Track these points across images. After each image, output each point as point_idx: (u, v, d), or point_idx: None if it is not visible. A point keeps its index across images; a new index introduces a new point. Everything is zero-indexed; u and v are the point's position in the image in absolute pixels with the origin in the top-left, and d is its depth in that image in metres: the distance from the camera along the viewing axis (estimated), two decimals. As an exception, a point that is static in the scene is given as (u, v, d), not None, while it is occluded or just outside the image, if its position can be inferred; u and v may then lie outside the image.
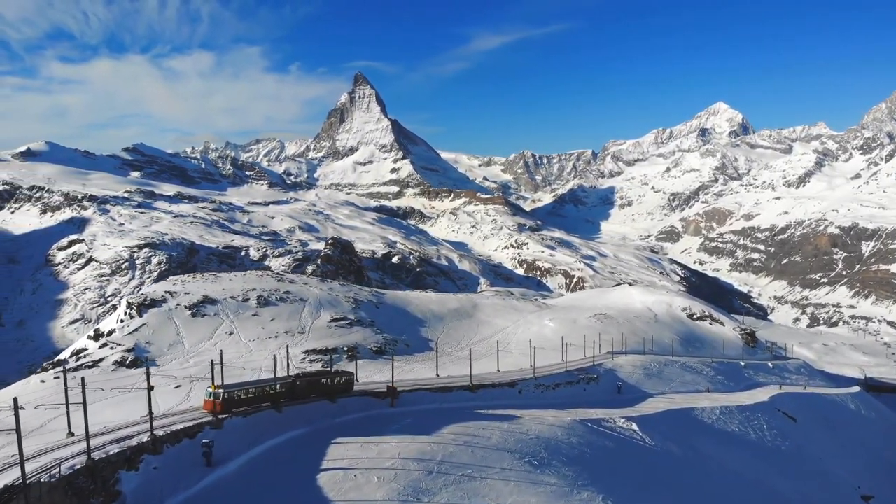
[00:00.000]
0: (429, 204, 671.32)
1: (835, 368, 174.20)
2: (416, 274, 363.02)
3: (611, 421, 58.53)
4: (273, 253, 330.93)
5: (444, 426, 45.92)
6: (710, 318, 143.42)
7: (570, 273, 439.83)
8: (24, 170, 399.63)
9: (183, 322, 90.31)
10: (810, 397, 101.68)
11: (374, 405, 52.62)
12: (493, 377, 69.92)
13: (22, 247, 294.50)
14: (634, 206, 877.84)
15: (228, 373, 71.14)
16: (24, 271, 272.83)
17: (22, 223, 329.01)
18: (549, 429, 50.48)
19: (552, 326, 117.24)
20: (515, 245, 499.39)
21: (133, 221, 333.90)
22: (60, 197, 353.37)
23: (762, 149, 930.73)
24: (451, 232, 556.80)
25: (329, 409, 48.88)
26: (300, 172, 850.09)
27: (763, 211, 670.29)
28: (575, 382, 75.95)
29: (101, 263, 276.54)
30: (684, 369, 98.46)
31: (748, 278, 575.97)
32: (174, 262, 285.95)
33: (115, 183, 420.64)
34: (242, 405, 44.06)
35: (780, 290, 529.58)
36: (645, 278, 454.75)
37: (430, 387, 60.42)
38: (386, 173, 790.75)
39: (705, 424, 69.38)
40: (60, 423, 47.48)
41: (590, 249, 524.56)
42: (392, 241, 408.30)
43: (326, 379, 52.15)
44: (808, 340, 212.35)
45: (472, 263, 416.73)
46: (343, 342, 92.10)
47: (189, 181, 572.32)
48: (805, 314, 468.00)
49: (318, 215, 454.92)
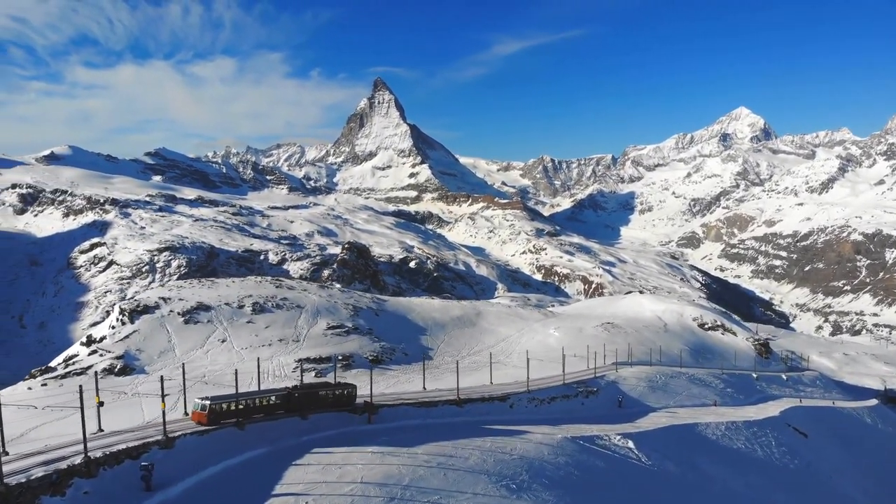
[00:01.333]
0: (447, 208, 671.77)
1: (855, 379, 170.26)
2: (433, 279, 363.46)
3: (605, 438, 55.61)
4: (291, 257, 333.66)
5: (421, 445, 43.09)
6: (723, 328, 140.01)
7: (588, 279, 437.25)
8: (47, 173, 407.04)
9: (175, 329, 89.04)
10: (824, 411, 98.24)
11: (349, 421, 49.41)
12: (485, 390, 66.92)
13: (44, 249, 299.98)
14: (655, 212, 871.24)
15: (220, 381, 70.08)
16: (47, 274, 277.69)
17: (45, 226, 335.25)
18: (536, 447, 47.64)
19: (556, 335, 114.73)
20: (533, 250, 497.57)
21: (154, 225, 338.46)
22: (83, 200, 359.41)
23: (784, 154, 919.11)
24: (468, 237, 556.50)
25: (298, 427, 45.57)
26: (320, 177, 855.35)
27: (785, 217, 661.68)
28: (572, 396, 72.55)
29: (121, 266, 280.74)
30: (692, 381, 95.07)
31: (770, 285, 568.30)
32: (194, 266, 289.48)
33: (137, 187, 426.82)
34: (232, 417, 42.50)
35: (802, 297, 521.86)
36: (665, 285, 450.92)
37: (414, 401, 57.47)
38: (404, 178, 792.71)
39: (709, 441, 66.29)
40: (45, 432, 46.91)
41: (609, 255, 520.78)
42: (409, 245, 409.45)
43: (327, 391, 50.31)
44: (829, 350, 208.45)
45: (489, 268, 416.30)
46: (338, 351, 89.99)
47: (210, 185, 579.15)
48: (828, 322, 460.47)
49: (337, 220, 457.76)
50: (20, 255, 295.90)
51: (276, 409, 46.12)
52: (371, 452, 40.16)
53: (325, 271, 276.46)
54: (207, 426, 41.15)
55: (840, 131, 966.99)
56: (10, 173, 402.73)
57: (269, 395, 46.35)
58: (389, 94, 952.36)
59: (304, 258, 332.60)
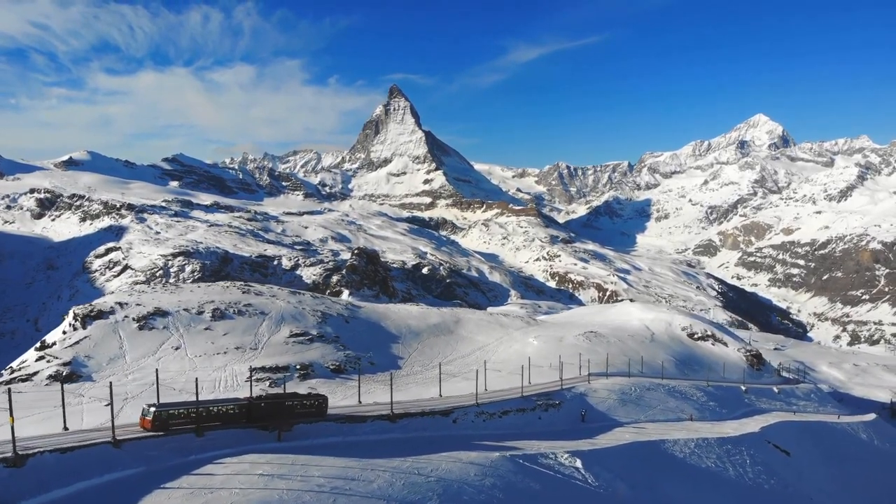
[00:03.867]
0: (461, 215, 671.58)
1: (864, 390, 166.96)
2: (446, 285, 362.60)
3: (551, 456, 50.62)
4: (305, 262, 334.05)
5: (323, 466, 38.46)
6: (713, 338, 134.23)
7: (603, 286, 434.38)
8: (66, 178, 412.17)
9: (128, 335, 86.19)
10: (814, 426, 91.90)
11: (254, 438, 44.46)
12: (429, 404, 61.91)
13: (61, 253, 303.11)
14: (671, 219, 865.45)
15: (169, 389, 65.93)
16: (62, 278, 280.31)
17: (62, 230, 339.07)
18: (463, 467, 42.69)
19: (535, 344, 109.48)
20: (547, 257, 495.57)
21: (169, 230, 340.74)
22: (100, 205, 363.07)
23: (803, 162, 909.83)
24: (482, 243, 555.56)
25: (191, 444, 40.74)
26: (335, 183, 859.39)
27: (803, 225, 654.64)
28: (529, 409, 67.21)
29: (136, 271, 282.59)
30: (671, 394, 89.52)
31: (787, 294, 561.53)
32: (207, 271, 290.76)
33: (154, 192, 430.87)
34: (180, 425, 41.49)
35: (820, 306, 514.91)
36: (680, 293, 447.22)
37: (341, 416, 52.92)
38: (419, 184, 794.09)
39: (675, 459, 61.04)
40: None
41: (624, 262, 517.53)
42: (423, 251, 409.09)
43: (294, 401, 48.63)
44: (839, 360, 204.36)
45: (502, 275, 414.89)
46: (298, 359, 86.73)
47: (227, 191, 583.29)
48: (846, 332, 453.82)
49: (351, 225, 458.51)
50: (37, 259, 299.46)
51: (235, 419, 44.69)
52: (258, 475, 35.59)
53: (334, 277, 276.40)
54: (152, 432, 40.30)
55: (859, 139, 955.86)
56: (30, 178, 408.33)
57: (228, 405, 44.98)
58: (405, 100, 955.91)
59: (316, 264, 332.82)
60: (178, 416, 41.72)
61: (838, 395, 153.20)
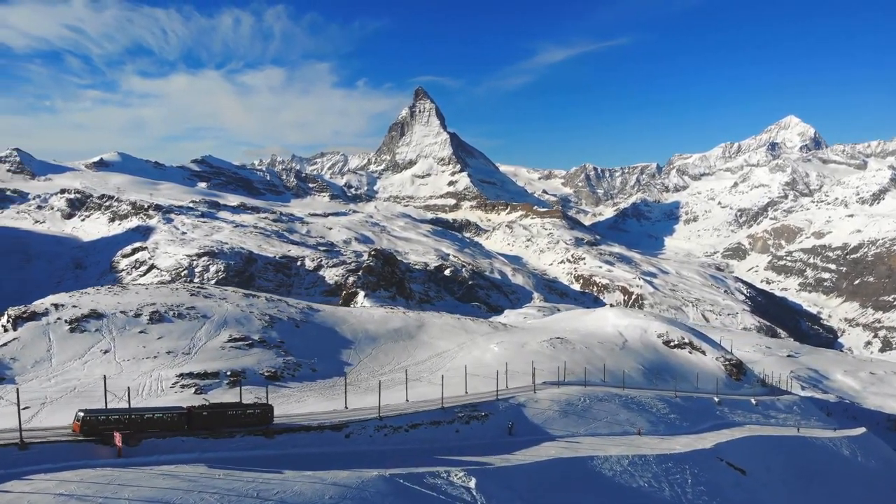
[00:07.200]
0: (485, 217, 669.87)
1: (878, 400, 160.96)
2: (468, 287, 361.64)
3: (443, 475, 44.92)
4: (327, 263, 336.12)
5: (142, 488, 33.85)
6: (690, 346, 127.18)
7: (628, 289, 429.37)
8: (96, 179, 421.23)
9: (58, 337, 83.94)
10: (786, 442, 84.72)
11: (90, 453, 39.25)
12: (328, 417, 57.01)
13: (89, 253, 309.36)
14: (700, 222, 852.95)
15: (91, 394, 64.67)
16: (90, 277, 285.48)
17: (91, 230, 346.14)
18: (321, 489, 37.02)
19: (496, 350, 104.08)
20: (572, 259, 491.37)
21: (195, 230, 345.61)
22: (128, 206, 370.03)
23: (835, 164, 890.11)
24: (506, 245, 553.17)
25: (9, 457, 36.75)
26: (360, 185, 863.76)
27: (835, 229, 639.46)
28: (446, 422, 60.88)
29: (161, 271, 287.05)
30: (625, 405, 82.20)
31: (818, 299, 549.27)
32: (231, 271, 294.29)
33: (182, 193, 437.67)
34: (111, 431, 40.65)
35: (851, 311, 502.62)
36: (707, 297, 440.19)
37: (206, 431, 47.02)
38: (443, 186, 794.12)
39: (602, 478, 55.23)
40: None
41: (651, 266, 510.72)
42: (445, 253, 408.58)
43: (237, 410, 47.46)
44: (855, 368, 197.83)
45: (525, 277, 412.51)
46: (232, 365, 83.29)
47: (254, 192, 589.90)
48: (877, 338, 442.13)
49: (374, 227, 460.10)
50: (66, 258, 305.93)
51: (174, 426, 43.75)
52: (55, 495, 31.76)
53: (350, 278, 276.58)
54: (80, 437, 39.99)
55: (893, 141, 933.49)
56: (61, 179, 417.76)
57: (167, 412, 44.25)
58: (430, 102, 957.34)
59: (339, 265, 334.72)
60: (110, 422, 41.03)
61: (843, 405, 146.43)
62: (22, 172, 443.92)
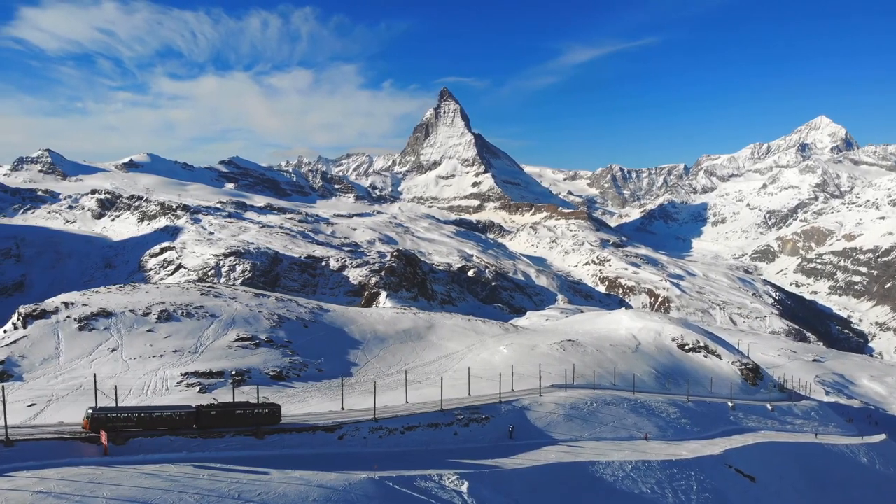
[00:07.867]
0: (509, 218, 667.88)
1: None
2: (491, 288, 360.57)
3: (434, 479, 43.91)
4: (351, 263, 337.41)
5: (122, 487, 33.55)
6: (706, 350, 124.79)
7: (654, 292, 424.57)
8: (126, 180, 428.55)
9: (67, 336, 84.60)
10: (802, 448, 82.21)
11: (70, 451, 39.22)
12: (323, 417, 56.40)
13: (119, 252, 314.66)
14: (728, 224, 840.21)
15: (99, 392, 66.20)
16: (119, 276, 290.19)
17: (121, 230, 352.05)
18: (305, 491, 36.31)
19: (505, 353, 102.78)
20: (597, 261, 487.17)
21: (222, 231, 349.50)
22: (157, 206, 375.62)
23: (866, 165, 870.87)
24: (530, 246, 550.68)
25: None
26: (385, 186, 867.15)
27: (866, 231, 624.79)
28: (444, 425, 59.82)
29: (189, 270, 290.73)
30: (633, 409, 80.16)
31: (848, 302, 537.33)
32: (258, 271, 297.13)
33: (210, 194, 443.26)
34: (121, 429, 41.70)
35: (882, 315, 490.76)
36: (735, 300, 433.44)
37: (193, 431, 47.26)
38: (467, 187, 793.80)
39: (603, 484, 53.68)
40: None
41: (677, 268, 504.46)
42: (468, 254, 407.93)
43: (245, 410, 47.83)
44: (882, 374, 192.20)
45: (549, 279, 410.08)
46: (238, 365, 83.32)
47: (281, 194, 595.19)
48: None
49: (398, 227, 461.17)
50: (96, 257, 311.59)
51: (182, 424, 44.26)
52: (32, 493, 31.46)
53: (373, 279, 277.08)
54: (90, 433, 40.70)
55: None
56: (91, 179, 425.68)
57: (175, 411, 44.70)
58: (455, 103, 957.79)
59: (363, 265, 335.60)
60: (119, 420, 41.70)
61: (866, 411, 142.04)
62: (53, 173, 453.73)
